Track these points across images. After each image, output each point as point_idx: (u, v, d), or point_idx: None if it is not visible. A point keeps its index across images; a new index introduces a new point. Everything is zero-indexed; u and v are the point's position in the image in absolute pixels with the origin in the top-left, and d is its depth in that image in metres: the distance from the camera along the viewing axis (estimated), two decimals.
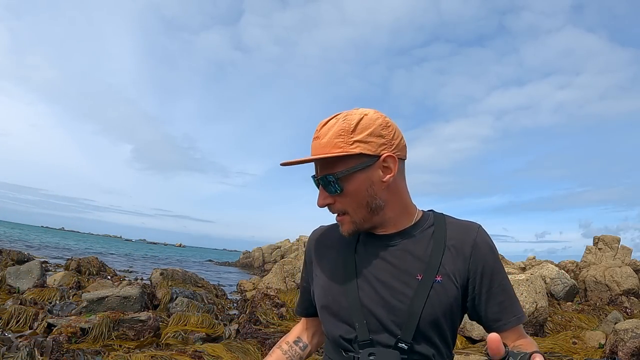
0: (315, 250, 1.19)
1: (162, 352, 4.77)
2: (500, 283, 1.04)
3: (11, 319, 6.11)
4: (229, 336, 6.38)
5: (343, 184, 1.00)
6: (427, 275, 1.00)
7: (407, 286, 1.00)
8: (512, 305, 1.05)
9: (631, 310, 9.25)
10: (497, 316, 1.04)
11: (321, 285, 1.12)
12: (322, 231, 1.22)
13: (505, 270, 1.08)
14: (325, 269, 1.13)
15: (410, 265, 1.02)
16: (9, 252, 13.19)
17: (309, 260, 1.22)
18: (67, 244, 43.06)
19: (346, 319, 1.04)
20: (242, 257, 41.17)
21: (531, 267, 13.18)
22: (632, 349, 5.08)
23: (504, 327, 1.03)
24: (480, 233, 1.06)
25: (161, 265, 19.13)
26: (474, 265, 1.03)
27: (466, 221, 1.10)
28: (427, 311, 0.98)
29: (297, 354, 1.27)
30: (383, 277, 1.02)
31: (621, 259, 15.03)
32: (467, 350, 5.64)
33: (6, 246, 17.49)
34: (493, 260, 1.05)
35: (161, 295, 8.23)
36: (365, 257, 1.07)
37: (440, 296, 0.99)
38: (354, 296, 1.03)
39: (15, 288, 8.66)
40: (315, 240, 1.22)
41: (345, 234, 1.05)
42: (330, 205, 1.04)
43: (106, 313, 6.02)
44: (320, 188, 1.04)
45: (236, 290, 15.22)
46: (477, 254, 1.03)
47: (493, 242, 1.08)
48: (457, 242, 1.04)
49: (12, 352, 4.53)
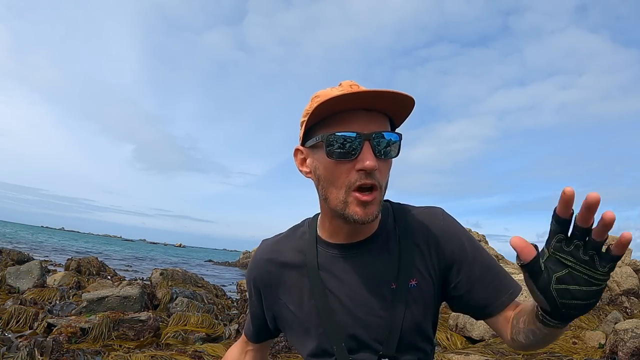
0: (271, 272, 1.03)
1: (162, 352, 4.77)
2: (482, 263, 0.94)
3: (11, 319, 6.10)
4: (229, 336, 6.38)
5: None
6: (401, 281, 0.92)
7: (383, 299, 0.92)
8: (500, 282, 0.94)
9: (631, 310, 9.24)
10: (486, 301, 0.93)
11: (291, 310, 1.00)
12: (270, 248, 1.05)
13: (483, 248, 0.97)
14: (290, 293, 1.00)
15: (381, 275, 0.93)
16: (9, 252, 13.18)
17: (262, 284, 1.05)
18: (67, 244, 43.05)
19: (322, 343, 0.95)
20: (242, 257, 41.15)
21: None
22: (632, 349, 5.08)
23: (497, 310, 0.93)
24: (445, 219, 0.97)
25: (161, 265, 19.15)
26: (447, 255, 0.94)
27: (426, 208, 1.00)
28: (407, 321, 0.92)
29: None
30: (355, 294, 0.93)
31: (621, 259, 15.02)
32: (467, 350, 5.63)
33: (6, 246, 17.49)
34: (467, 244, 0.95)
35: (161, 295, 8.23)
36: (332, 274, 0.95)
37: (418, 301, 0.93)
38: (328, 320, 0.94)
39: (15, 288, 8.66)
40: (267, 261, 1.04)
41: (369, 218, 0.85)
42: (372, 173, 0.83)
43: (106, 313, 6.02)
44: (367, 146, 0.83)
45: (236, 290, 15.22)
46: (447, 242, 0.94)
47: (459, 223, 0.99)
48: (423, 235, 0.95)
49: (12, 352, 4.53)
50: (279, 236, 1.08)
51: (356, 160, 0.83)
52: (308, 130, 0.90)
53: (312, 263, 0.97)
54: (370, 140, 0.83)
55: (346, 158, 0.84)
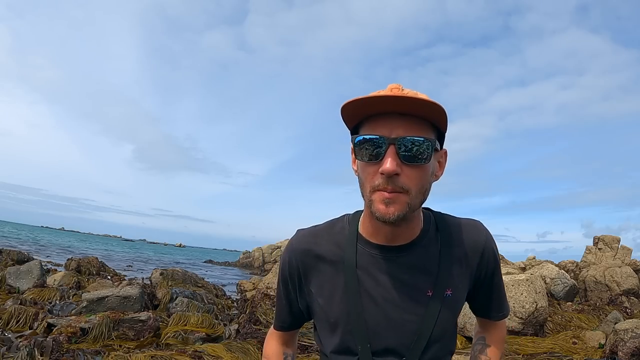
0: (306, 264, 1.02)
1: (162, 352, 4.76)
2: (497, 282, 1.07)
3: (11, 319, 6.10)
4: (229, 336, 6.38)
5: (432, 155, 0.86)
6: (438, 290, 0.94)
7: (417, 305, 0.93)
8: (499, 303, 1.10)
9: (631, 310, 9.24)
10: (483, 307, 1.10)
11: (319, 304, 1.01)
12: (307, 239, 1.04)
13: (500, 266, 1.11)
14: (322, 287, 1.00)
15: (419, 281, 0.94)
16: (9, 252, 13.19)
17: (297, 273, 1.04)
18: (67, 244, 43.05)
19: (347, 341, 0.96)
20: (242, 257, 41.16)
21: (531, 267, 13.17)
22: (632, 349, 5.08)
23: (485, 317, 1.13)
24: (487, 237, 1.02)
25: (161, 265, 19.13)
26: (480, 271, 1.01)
27: (470, 222, 1.03)
28: (437, 329, 0.94)
29: None
30: (391, 296, 0.94)
31: (621, 259, 15.02)
32: (467, 351, 5.63)
33: (6, 246, 17.49)
34: (495, 262, 1.05)
35: (161, 295, 8.23)
36: (369, 273, 0.95)
37: (450, 310, 0.96)
38: (357, 317, 0.94)
39: (15, 288, 8.66)
40: (302, 252, 1.03)
41: (390, 216, 0.84)
42: (394, 178, 0.83)
43: (106, 313, 6.02)
44: (391, 150, 0.83)
45: (236, 290, 15.22)
46: (484, 261, 1.01)
47: (494, 241, 1.06)
48: (465, 249, 0.98)
49: (12, 352, 4.53)
50: (316, 228, 1.06)
51: (380, 164, 0.84)
52: (355, 128, 0.91)
53: (350, 260, 0.97)
54: (395, 145, 0.82)
55: (372, 160, 0.85)
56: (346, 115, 0.86)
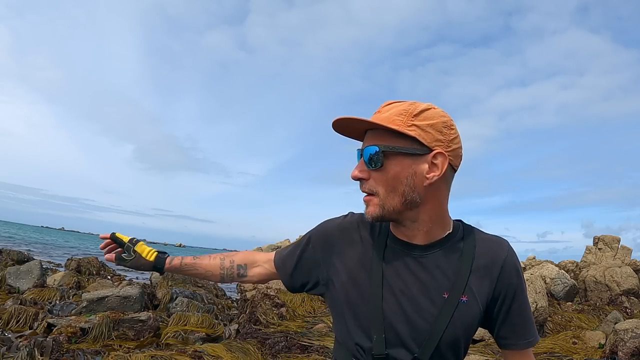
0: (341, 240, 1.09)
1: (162, 352, 4.76)
2: (519, 306, 1.03)
3: (11, 319, 6.11)
4: (229, 336, 6.38)
5: (385, 160, 0.95)
6: (454, 294, 0.97)
7: (433, 304, 0.97)
8: (524, 329, 1.04)
9: (631, 310, 9.24)
10: (506, 335, 1.04)
11: (342, 282, 1.05)
12: (351, 221, 1.11)
13: (526, 289, 1.06)
14: (348, 267, 1.06)
15: (437, 282, 0.98)
16: (9, 252, 13.19)
17: (329, 242, 1.10)
18: (67, 244, 43.04)
19: (365, 327, 1.00)
20: None
21: (531, 267, 13.17)
22: (632, 349, 5.08)
23: (510, 347, 1.05)
24: (509, 253, 1.03)
25: None
26: (499, 287, 1.01)
27: (495, 237, 1.06)
28: (448, 331, 0.96)
29: (230, 277, 1.23)
30: (409, 292, 0.98)
31: (621, 259, 15.02)
32: (474, 349, 5.63)
33: (6, 246, 17.49)
34: (517, 282, 1.02)
35: (161, 295, 8.23)
36: (393, 267, 1.01)
37: (464, 317, 0.97)
38: (376, 306, 0.99)
39: (15, 288, 8.66)
40: (342, 229, 1.11)
41: (368, 217, 0.98)
42: (363, 181, 0.98)
43: (106, 313, 6.03)
44: (360, 159, 0.99)
45: (236, 290, 15.22)
46: (504, 276, 1.01)
47: (519, 261, 1.06)
48: (486, 261, 1.00)
49: (12, 352, 4.53)
50: (363, 215, 1.08)
51: None
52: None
53: (378, 250, 1.04)
54: (362, 154, 0.98)
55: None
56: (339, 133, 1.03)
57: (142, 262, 1.22)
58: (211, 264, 1.24)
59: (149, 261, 1.23)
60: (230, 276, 1.23)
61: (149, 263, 1.22)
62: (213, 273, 1.24)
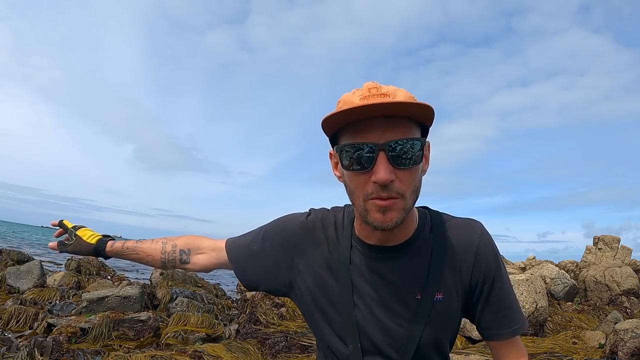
0: (305, 240, 1.01)
1: (162, 352, 4.76)
2: (499, 292, 0.95)
3: (11, 319, 6.10)
4: (229, 336, 6.38)
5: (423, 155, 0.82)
6: (427, 294, 0.91)
7: (406, 308, 0.92)
8: (507, 316, 0.96)
9: (631, 310, 9.24)
10: (489, 325, 0.97)
11: (308, 286, 0.99)
12: (314, 220, 1.02)
13: (507, 274, 0.99)
14: (313, 270, 0.99)
15: (408, 284, 0.92)
16: (9, 252, 13.18)
17: (291, 242, 1.02)
18: None
19: (340, 334, 0.95)
20: None
21: (531, 267, 13.16)
22: (632, 349, 5.07)
23: (494, 338, 0.98)
24: (483, 237, 0.95)
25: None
26: (476, 275, 0.94)
27: (466, 221, 0.98)
28: (427, 333, 0.91)
29: (172, 263, 1.14)
30: (380, 297, 0.92)
31: (621, 259, 15.01)
32: (467, 350, 5.63)
33: (6, 246, 17.49)
34: (496, 267, 0.95)
35: (161, 295, 8.23)
36: (361, 271, 0.94)
37: (441, 315, 0.92)
38: (349, 316, 0.93)
39: (15, 288, 8.65)
40: (305, 228, 1.02)
41: (389, 224, 0.82)
42: (388, 184, 0.80)
43: (106, 313, 6.02)
44: (382, 157, 0.79)
45: (236, 290, 15.22)
46: (479, 262, 0.94)
47: (494, 243, 0.98)
48: (458, 250, 0.94)
49: (12, 352, 4.53)
50: (327, 213, 1.04)
51: (372, 172, 0.80)
52: (335, 134, 0.87)
53: (344, 254, 0.96)
54: (385, 151, 0.78)
55: (362, 170, 0.81)
56: (326, 124, 0.83)
57: (82, 244, 1.18)
58: (152, 248, 1.15)
59: (89, 244, 1.18)
60: (172, 262, 1.14)
61: (90, 246, 1.17)
62: (154, 257, 1.15)
